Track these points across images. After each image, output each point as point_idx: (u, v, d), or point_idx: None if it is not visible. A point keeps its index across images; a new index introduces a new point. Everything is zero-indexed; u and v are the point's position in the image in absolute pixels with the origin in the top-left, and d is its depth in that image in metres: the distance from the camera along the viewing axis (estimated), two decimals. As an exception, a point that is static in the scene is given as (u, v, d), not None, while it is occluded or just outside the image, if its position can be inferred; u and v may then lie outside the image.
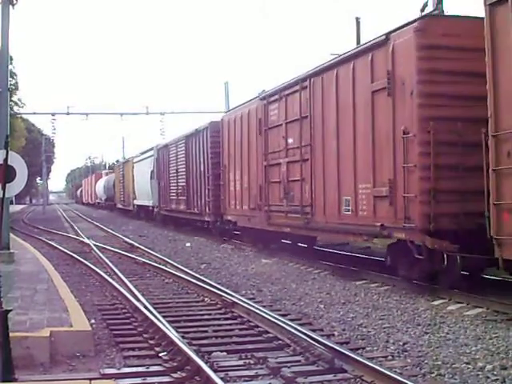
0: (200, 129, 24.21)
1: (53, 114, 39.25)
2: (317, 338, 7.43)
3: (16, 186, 7.56)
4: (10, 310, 6.50)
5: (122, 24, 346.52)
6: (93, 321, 8.80)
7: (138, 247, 20.15)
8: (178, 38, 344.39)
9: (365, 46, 12.02)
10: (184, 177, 26.63)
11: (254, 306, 9.39)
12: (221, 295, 10.45)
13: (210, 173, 22.51)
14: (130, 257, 17.32)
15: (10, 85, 18.69)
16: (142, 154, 41.29)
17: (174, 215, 29.88)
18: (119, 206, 50.87)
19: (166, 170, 30.63)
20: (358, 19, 15.51)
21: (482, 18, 8.69)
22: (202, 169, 23.65)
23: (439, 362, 6.87)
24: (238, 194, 19.61)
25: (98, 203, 70.05)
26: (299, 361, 6.99)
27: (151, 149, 36.79)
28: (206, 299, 10.86)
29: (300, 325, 8.34)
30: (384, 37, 11.12)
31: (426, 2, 10.27)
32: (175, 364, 6.81)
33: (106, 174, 67.75)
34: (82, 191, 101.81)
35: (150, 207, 36.12)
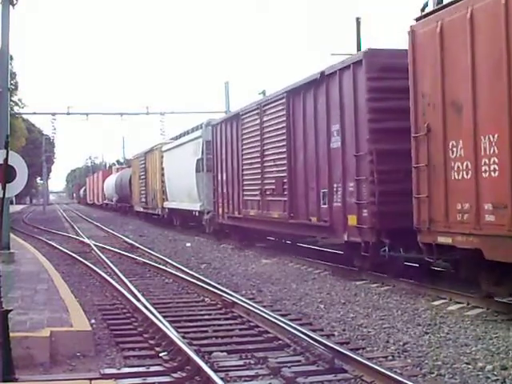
0: (334, 68, 13.23)
1: (53, 114, 39.29)
2: (317, 338, 7.43)
3: (16, 186, 7.56)
4: (10, 310, 6.50)
5: (122, 24, 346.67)
6: (93, 321, 8.81)
7: (138, 247, 20.15)
8: (179, 38, 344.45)
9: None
10: (282, 162, 15.97)
11: (254, 306, 9.39)
12: (221, 295, 10.45)
13: (367, 150, 12.04)
14: (130, 257, 17.32)
15: (10, 84, 18.65)
16: (178, 137, 30.43)
17: (250, 226, 19.05)
18: (138, 208, 40.00)
19: (234, 155, 19.90)
20: (358, 19, 15.51)
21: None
22: (339, 144, 13.14)
23: (439, 362, 6.86)
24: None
25: (107, 205, 60.34)
26: (299, 361, 6.99)
27: (196, 128, 26.03)
28: (206, 299, 10.86)
29: (300, 325, 8.33)
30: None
31: (426, 2, 10.26)
32: (175, 364, 6.81)
33: (117, 171, 58.22)
34: (85, 190, 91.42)
35: (194, 212, 25.21)
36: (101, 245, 20.40)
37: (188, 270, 14.02)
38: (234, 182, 20.03)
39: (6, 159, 7.05)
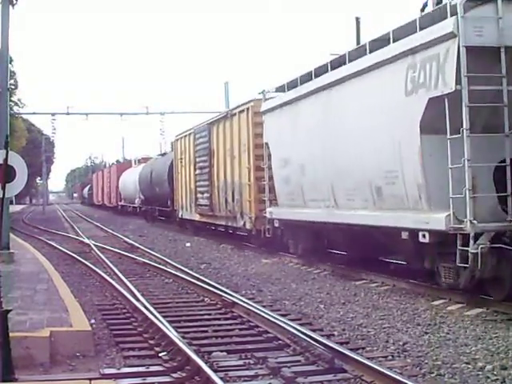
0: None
1: (53, 114, 39.31)
2: (317, 337, 7.43)
3: (16, 186, 7.56)
4: (10, 310, 6.50)
5: (122, 24, 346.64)
6: (93, 321, 8.80)
7: (138, 247, 20.15)
8: (178, 38, 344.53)
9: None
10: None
11: (253, 306, 9.39)
12: (221, 295, 10.45)
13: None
14: (130, 257, 17.32)
15: (10, 84, 18.65)
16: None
17: None
18: (188, 215, 25.97)
19: None
20: (357, 19, 15.48)
21: None
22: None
23: (439, 362, 6.87)
24: None
25: (122, 207, 47.80)
26: (299, 361, 7.00)
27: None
28: (205, 299, 10.86)
29: (300, 325, 8.33)
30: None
31: (426, 2, 10.26)
32: (175, 364, 6.81)
33: (139, 162, 44.51)
34: (91, 189, 78.60)
35: (400, 234, 10.73)
36: (101, 245, 20.40)
37: (188, 270, 14.01)
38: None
39: (6, 159, 7.06)
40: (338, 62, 12.56)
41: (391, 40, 10.66)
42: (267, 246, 17.54)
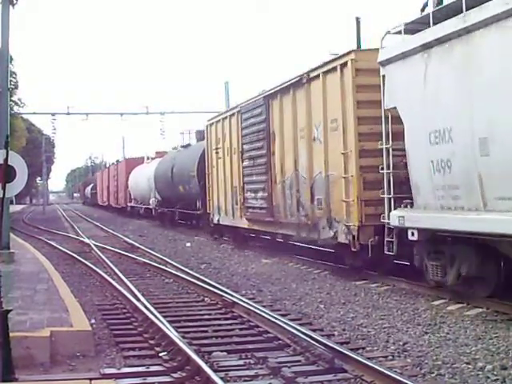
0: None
1: (53, 114, 39.31)
2: (317, 337, 7.43)
3: (16, 186, 7.57)
4: (10, 310, 6.50)
5: (122, 24, 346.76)
6: (93, 321, 8.81)
7: (138, 247, 20.14)
8: (178, 38, 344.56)
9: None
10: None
11: (254, 306, 9.39)
12: (221, 295, 10.45)
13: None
14: (130, 257, 17.31)
15: (10, 84, 18.65)
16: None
17: None
18: (227, 221, 20.26)
19: None
20: (358, 19, 15.47)
21: None
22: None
23: (439, 362, 6.87)
24: None
25: (132, 208, 42.25)
26: (299, 361, 7.00)
27: None
28: (206, 299, 10.86)
29: (300, 325, 8.34)
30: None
31: (426, 2, 10.25)
32: (175, 364, 6.82)
33: (149, 159, 39.78)
34: (94, 189, 72.99)
35: None
36: (101, 245, 20.39)
37: (188, 270, 14.01)
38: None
39: (6, 159, 7.06)
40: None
41: None
42: (380, 270, 12.45)
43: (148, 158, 40.11)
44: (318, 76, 13.42)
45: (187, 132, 31.27)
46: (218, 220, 21.20)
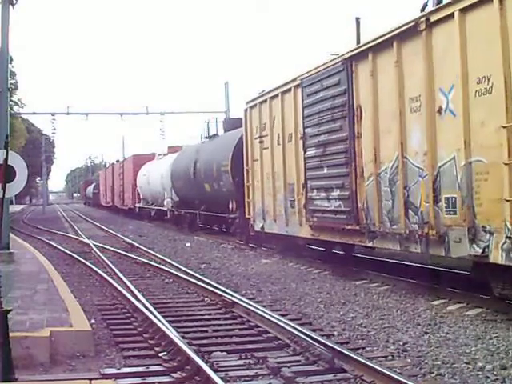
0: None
1: (53, 114, 39.26)
2: (317, 337, 7.43)
3: (16, 186, 7.57)
4: (10, 310, 6.50)
5: (122, 24, 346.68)
6: (93, 321, 8.80)
7: (138, 247, 20.13)
8: (178, 38, 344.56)
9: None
10: None
11: (254, 306, 9.39)
12: (221, 295, 10.45)
13: None
14: (130, 257, 17.31)
15: (10, 84, 18.64)
16: None
17: None
18: (283, 228, 15.67)
19: None
20: (358, 19, 15.46)
21: None
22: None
23: (439, 362, 6.87)
24: None
25: (141, 209, 38.05)
26: (299, 361, 6.99)
27: None
28: (205, 299, 10.86)
29: (300, 325, 8.33)
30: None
31: (426, 2, 10.24)
32: (175, 364, 6.81)
33: (160, 155, 35.71)
34: (96, 188, 69.62)
35: None
36: (101, 245, 20.39)
37: (188, 270, 14.01)
38: None
39: (6, 159, 7.06)
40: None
41: None
42: None
43: (160, 154, 36.20)
44: (448, 17, 9.32)
45: (213, 120, 26.65)
46: (262, 227, 16.95)
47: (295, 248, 15.88)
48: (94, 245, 20.01)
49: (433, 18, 9.70)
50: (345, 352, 6.85)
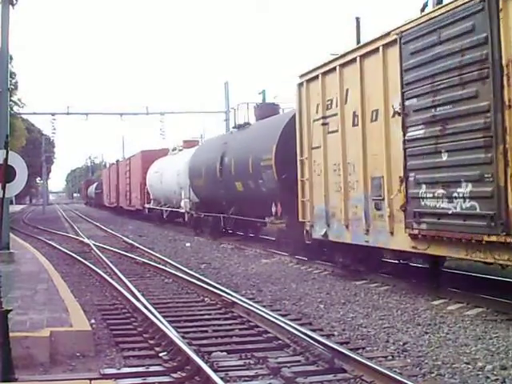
0: None
1: (53, 114, 39.30)
2: (317, 337, 7.43)
3: (16, 186, 7.57)
4: (10, 310, 6.50)
5: (122, 24, 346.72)
6: (93, 321, 8.80)
7: (137, 247, 20.13)
8: (178, 38, 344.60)
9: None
10: None
11: (253, 306, 9.39)
12: (221, 295, 10.45)
13: None
14: (129, 257, 17.31)
15: (10, 84, 18.65)
16: None
17: None
18: (356, 236, 12.06)
19: None
20: (358, 19, 15.47)
21: None
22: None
23: (439, 362, 6.87)
24: None
25: (151, 210, 34.35)
26: (299, 361, 6.99)
27: None
28: (205, 299, 10.86)
29: (300, 325, 8.33)
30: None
31: (426, 2, 10.25)
32: (175, 364, 6.81)
33: (175, 150, 32.36)
34: (99, 188, 65.37)
35: None
36: (101, 245, 20.39)
37: (188, 270, 14.01)
38: None
39: (6, 159, 7.06)
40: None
41: None
42: None
43: (174, 149, 32.36)
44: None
45: (244, 105, 21.19)
46: (325, 234, 13.32)
47: (375, 264, 12.66)
48: (94, 245, 20.01)
49: None
50: (345, 352, 6.85)
